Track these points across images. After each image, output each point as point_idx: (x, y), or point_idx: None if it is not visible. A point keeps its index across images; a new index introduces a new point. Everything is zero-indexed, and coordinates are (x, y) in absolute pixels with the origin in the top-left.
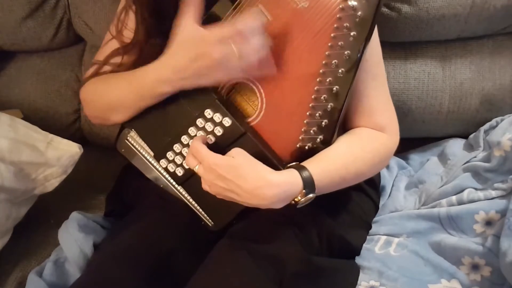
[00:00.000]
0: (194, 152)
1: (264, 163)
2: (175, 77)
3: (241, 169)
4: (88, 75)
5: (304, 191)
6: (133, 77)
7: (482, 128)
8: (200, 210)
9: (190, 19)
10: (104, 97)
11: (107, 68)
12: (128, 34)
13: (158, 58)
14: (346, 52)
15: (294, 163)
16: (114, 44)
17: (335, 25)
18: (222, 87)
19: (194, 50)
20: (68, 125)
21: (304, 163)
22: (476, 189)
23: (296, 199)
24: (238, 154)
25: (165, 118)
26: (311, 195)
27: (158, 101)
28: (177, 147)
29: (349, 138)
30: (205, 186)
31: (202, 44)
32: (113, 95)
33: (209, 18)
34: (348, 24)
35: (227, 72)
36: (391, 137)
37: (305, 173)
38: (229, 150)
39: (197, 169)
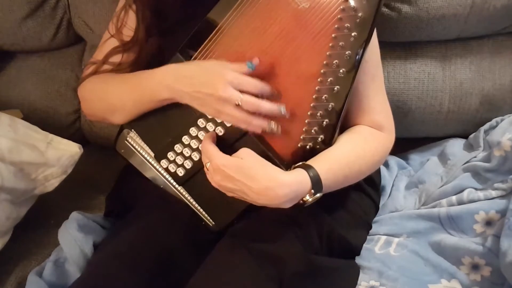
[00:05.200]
0: (203, 151)
1: None
2: (177, 85)
3: (250, 170)
4: (87, 73)
5: (312, 190)
6: (136, 79)
7: (482, 128)
8: (201, 210)
9: (228, 64)
10: (104, 97)
11: (106, 67)
12: (128, 33)
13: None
14: (347, 52)
15: (300, 163)
16: (112, 43)
17: (336, 26)
18: None
19: (208, 75)
20: (68, 125)
21: (309, 162)
22: (476, 189)
23: (304, 199)
24: (247, 155)
25: (165, 118)
26: (318, 195)
27: (156, 106)
28: (178, 147)
29: (351, 137)
30: (214, 184)
31: (218, 75)
32: (113, 97)
33: (206, 22)
34: (349, 25)
35: (218, 111)
36: (389, 136)
37: (312, 172)
38: (231, 150)
39: (208, 166)
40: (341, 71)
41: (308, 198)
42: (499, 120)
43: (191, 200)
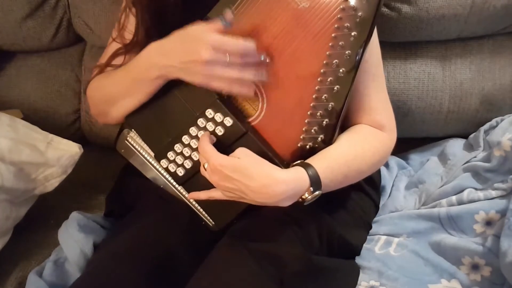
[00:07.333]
0: (200, 151)
1: None
2: (163, 61)
3: (247, 169)
4: (92, 76)
5: (311, 188)
6: (127, 65)
7: (482, 128)
8: (201, 210)
9: (204, 26)
10: (103, 89)
11: (109, 69)
12: (129, 36)
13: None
14: (347, 52)
15: (299, 161)
16: (115, 47)
17: (336, 25)
18: None
19: (188, 43)
20: (68, 125)
21: (308, 161)
22: (476, 189)
23: (303, 197)
24: (243, 155)
25: (165, 118)
26: (317, 192)
27: (150, 89)
28: (178, 147)
29: (351, 136)
30: (214, 184)
31: (198, 40)
32: (110, 85)
33: (206, 21)
34: (348, 24)
35: (209, 77)
36: (390, 136)
37: (311, 170)
38: (231, 149)
39: (206, 166)
40: (341, 70)
41: (307, 196)
42: (499, 120)
43: (191, 200)
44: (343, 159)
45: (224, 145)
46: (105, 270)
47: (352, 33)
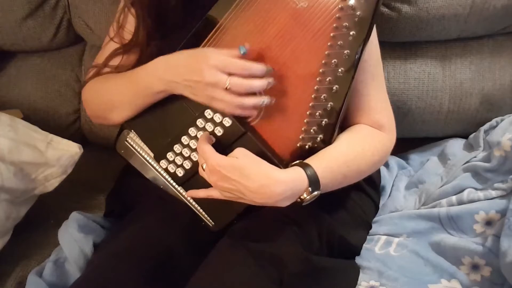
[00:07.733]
0: (199, 151)
1: None
2: (167, 76)
3: (245, 169)
4: (89, 77)
5: (309, 188)
6: (132, 73)
7: (482, 128)
8: (201, 210)
9: (214, 49)
10: (103, 95)
11: (107, 70)
12: (127, 36)
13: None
14: (345, 52)
15: (297, 161)
16: (112, 47)
17: (334, 25)
18: None
19: (192, 61)
20: (68, 125)
21: (307, 161)
22: (476, 189)
23: (302, 197)
24: (242, 155)
25: (165, 119)
26: (316, 193)
27: (153, 101)
28: (177, 147)
29: (350, 136)
30: (213, 185)
31: (202, 60)
32: (111, 93)
33: (205, 21)
34: (347, 24)
35: (210, 98)
36: (389, 136)
37: (309, 170)
38: (230, 150)
39: (204, 167)
40: (340, 70)
41: (306, 196)
42: (499, 120)
43: (191, 201)
44: (342, 159)
45: (224, 145)
46: (105, 270)
47: (351, 33)
